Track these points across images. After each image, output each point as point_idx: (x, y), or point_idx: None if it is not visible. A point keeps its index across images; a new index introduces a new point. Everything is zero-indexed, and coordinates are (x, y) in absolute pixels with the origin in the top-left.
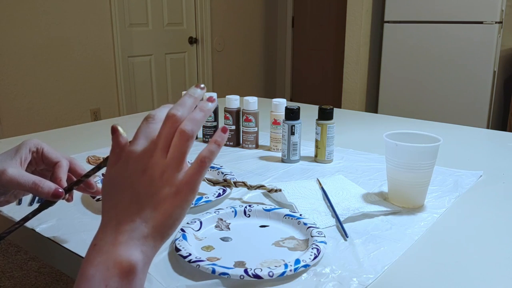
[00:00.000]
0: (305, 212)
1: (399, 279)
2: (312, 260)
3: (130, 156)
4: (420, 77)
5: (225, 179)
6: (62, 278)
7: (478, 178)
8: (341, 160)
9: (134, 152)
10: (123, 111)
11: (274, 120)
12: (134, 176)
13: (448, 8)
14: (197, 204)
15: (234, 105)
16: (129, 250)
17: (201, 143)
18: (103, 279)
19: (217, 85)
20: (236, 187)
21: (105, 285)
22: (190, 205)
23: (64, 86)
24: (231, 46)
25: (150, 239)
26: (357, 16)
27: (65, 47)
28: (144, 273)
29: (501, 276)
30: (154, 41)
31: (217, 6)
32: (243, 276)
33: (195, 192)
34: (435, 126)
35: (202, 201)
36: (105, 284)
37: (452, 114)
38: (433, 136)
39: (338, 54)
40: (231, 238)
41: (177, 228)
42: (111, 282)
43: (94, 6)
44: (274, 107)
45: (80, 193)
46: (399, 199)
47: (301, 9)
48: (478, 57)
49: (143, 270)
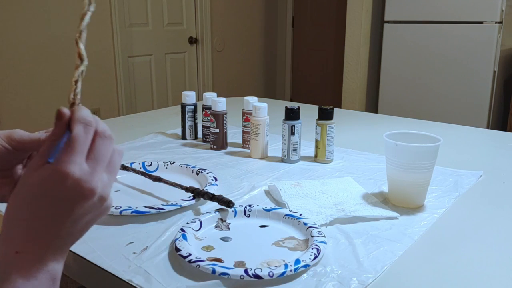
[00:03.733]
0: (297, 211)
1: (399, 279)
2: (312, 260)
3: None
4: (420, 77)
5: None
6: (61, 278)
7: (478, 178)
8: (341, 160)
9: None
10: (123, 111)
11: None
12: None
13: (448, 8)
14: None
15: (220, 107)
16: (55, 260)
17: (201, 142)
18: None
19: (217, 85)
20: (205, 199)
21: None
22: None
23: (64, 86)
24: (231, 46)
25: (71, 244)
26: (357, 16)
27: (65, 47)
28: (61, 274)
29: (501, 276)
30: (154, 41)
31: (217, 6)
32: (243, 276)
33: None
34: (435, 126)
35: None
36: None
37: (452, 114)
38: (433, 136)
39: (338, 54)
40: (231, 238)
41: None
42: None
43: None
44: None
45: None
46: (399, 199)
47: (301, 9)
48: (478, 57)
49: (61, 272)
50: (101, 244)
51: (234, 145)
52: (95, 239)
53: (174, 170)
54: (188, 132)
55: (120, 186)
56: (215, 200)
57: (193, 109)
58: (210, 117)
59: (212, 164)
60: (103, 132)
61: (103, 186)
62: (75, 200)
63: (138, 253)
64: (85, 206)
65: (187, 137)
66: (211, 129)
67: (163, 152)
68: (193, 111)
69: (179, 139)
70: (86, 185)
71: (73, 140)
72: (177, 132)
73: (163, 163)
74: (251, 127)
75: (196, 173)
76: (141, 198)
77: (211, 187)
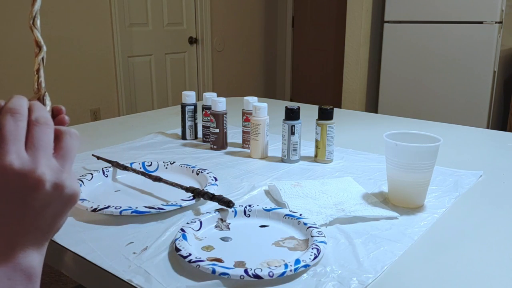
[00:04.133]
0: (297, 211)
1: (399, 279)
2: (312, 260)
3: None
4: (420, 77)
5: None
6: (61, 278)
7: (478, 178)
8: (341, 160)
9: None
10: (123, 111)
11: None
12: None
13: (448, 8)
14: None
15: (220, 107)
16: (28, 257)
17: (201, 142)
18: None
19: (217, 85)
20: (204, 199)
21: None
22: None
23: (64, 85)
24: (231, 46)
25: (47, 239)
26: (357, 16)
27: (65, 47)
28: (41, 270)
29: (501, 276)
30: (154, 41)
31: (217, 6)
32: (243, 276)
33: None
34: (435, 126)
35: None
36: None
37: (452, 114)
38: (433, 136)
39: (338, 54)
40: (231, 238)
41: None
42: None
43: (94, 6)
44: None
45: None
46: (399, 199)
47: (301, 9)
48: (478, 57)
49: (41, 269)
50: (101, 244)
51: (234, 145)
52: (95, 239)
53: (174, 170)
54: (188, 132)
55: (120, 186)
56: (215, 200)
57: (193, 109)
58: (210, 117)
59: (212, 164)
60: (38, 119)
61: (53, 172)
62: (24, 192)
63: (138, 253)
64: (39, 197)
65: (187, 137)
66: (211, 129)
67: (163, 152)
68: (193, 111)
69: (179, 139)
70: (31, 174)
71: (1, 131)
72: (177, 132)
73: (163, 163)
74: (251, 127)
75: (196, 173)
76: (141, 198)
77: (211, 187)
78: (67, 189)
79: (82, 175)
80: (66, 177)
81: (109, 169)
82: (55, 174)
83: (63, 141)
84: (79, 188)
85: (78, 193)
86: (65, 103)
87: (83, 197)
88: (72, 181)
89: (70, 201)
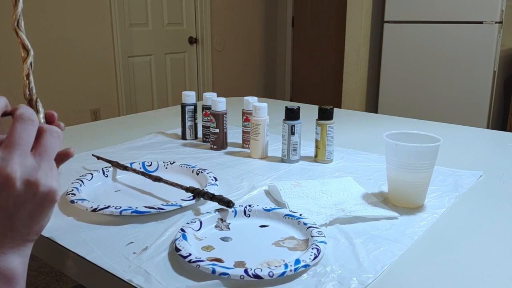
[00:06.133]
0: (297, 211)
1: (399, 279)
2: (312, 260)
3: None
4: (420, 77)
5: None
6: (62, 278)
7: (478, 178)
8: (341, 160)
9: None
10: (123, 111)
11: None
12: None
13: (448, 8)
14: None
15: (220, 107)
16: (6, 260)
17: (201, 142)
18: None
19: (217, 85)
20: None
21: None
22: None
23: (64, 86)
24: (231, 46)
25: (29, 241)
26: (357, 16)
27: (65, 47)
28: (25, 271)
29: (501, 276)
30: (154, 41)
31: (217, 6)
32: (243, 276)
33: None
34: (435, 126)
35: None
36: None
37: (452, 114)
38: (433, 136)
39: (338, 54)
40: (231, 238)
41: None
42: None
43: (94, 6)
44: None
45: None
46: (399, 199)
47: (301, 9)
48: (478, 57)
49: (24, 270)
50: (101, 244)
51: (234, 145)
52: (95, 239)
53: (174, 170)
54: (188, 132)
55: (120, 186)
56: (215, 200)
57: (193, 109)
58: (210, 117)
59: (212, 164)
60: (22, 114)
61: (26, 170)
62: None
63: (138, 253)
64: (10, 196)
65: (187, 137)
66: (211, 129)
67: (163, 152)
68: (193, 111)
69: (179, 139)
70: (0, 171)
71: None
72: (177, 132)
73: (163, 163)
74: (251, 127)
75: (196, 173)
76: (141, 198)
77: (211, 187)
78: (42, 187)
79: (82, 175)
80: (41, 174)
81: (109, 169)
82: (28, 171)
83: (43, 139)
84: (57, 186)
85: (55, 191)
86: (65, 103)
87: (83, 197)
88: (48, 179)
89: (47, 200)
